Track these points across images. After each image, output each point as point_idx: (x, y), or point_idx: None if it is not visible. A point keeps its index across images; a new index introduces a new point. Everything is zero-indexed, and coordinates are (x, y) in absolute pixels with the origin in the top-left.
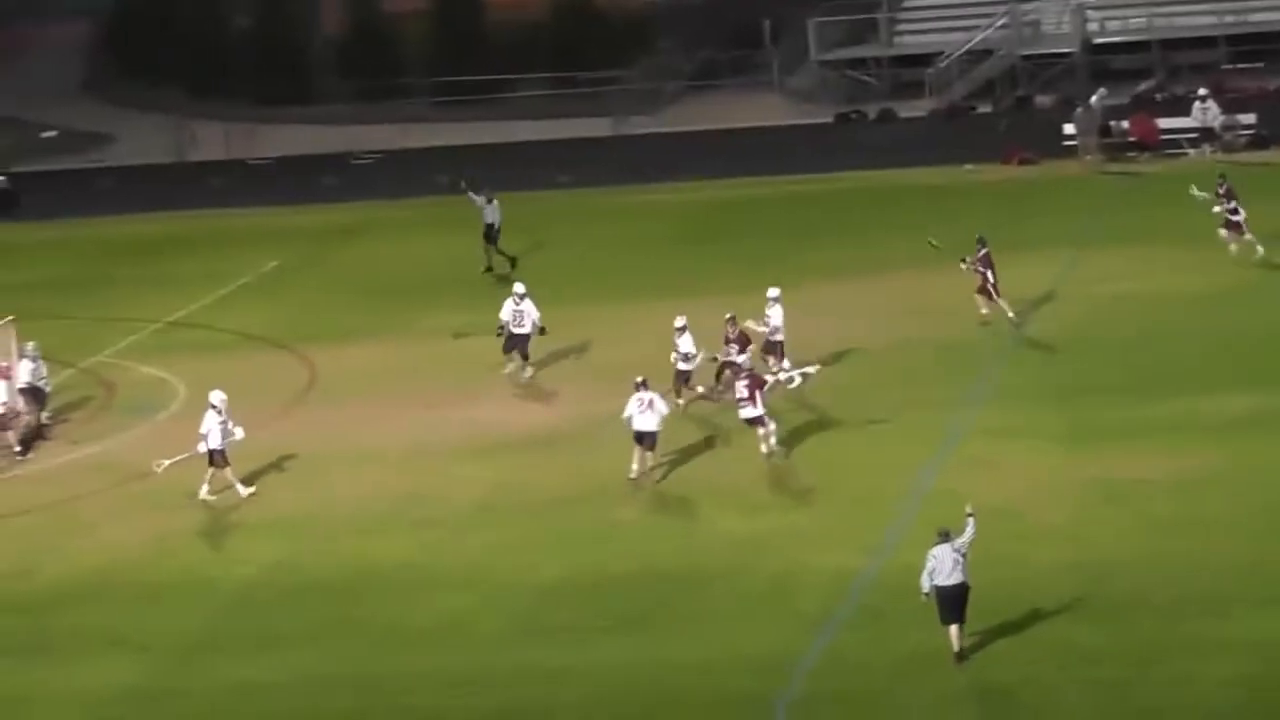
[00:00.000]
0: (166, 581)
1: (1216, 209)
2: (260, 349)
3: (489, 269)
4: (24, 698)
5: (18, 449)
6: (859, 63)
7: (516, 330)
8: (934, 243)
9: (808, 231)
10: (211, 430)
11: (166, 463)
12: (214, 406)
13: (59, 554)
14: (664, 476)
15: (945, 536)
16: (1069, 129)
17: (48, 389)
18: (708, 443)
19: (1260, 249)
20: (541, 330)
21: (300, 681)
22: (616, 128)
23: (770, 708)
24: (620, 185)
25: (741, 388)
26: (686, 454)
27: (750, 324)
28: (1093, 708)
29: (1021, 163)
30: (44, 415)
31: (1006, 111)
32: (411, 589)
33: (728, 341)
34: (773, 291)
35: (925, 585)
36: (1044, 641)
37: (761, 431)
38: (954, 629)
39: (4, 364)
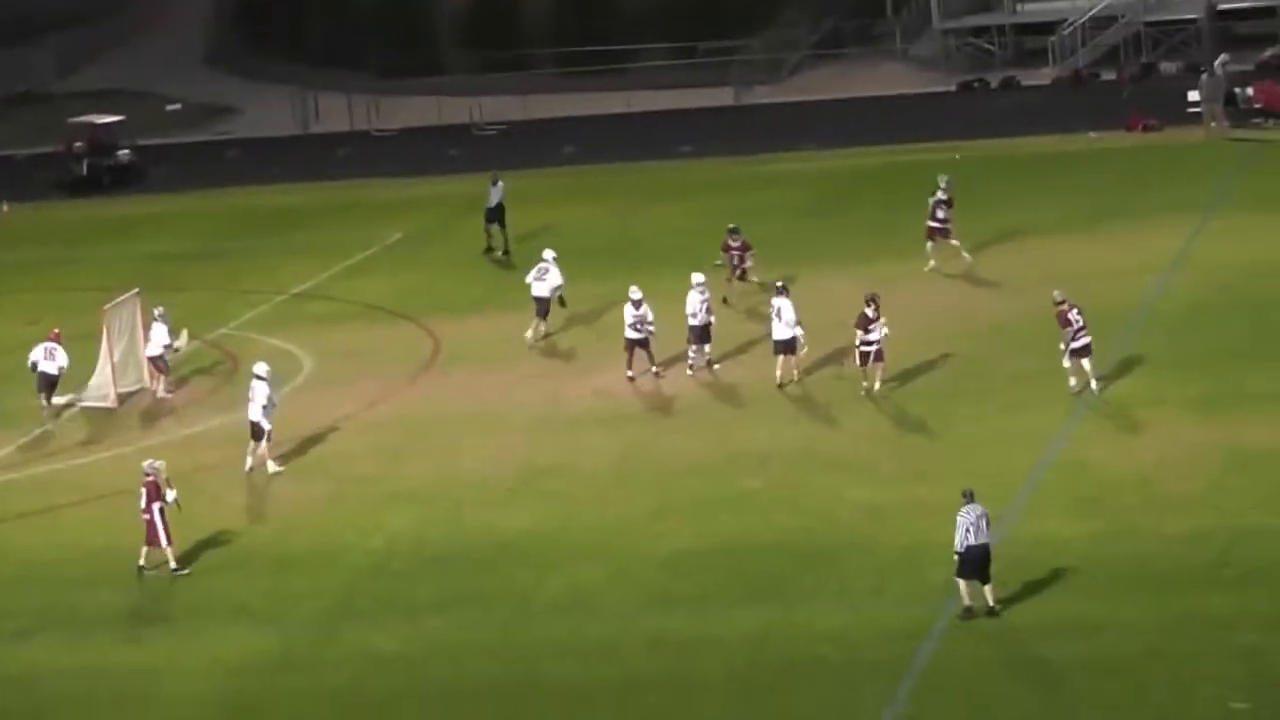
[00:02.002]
0: (296, 552)
1: None
2: (385, 320)
3: (491, 250)
4: (155, 668)
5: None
6: (982, 31)
7: (537, 293)
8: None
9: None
10: (257, 401)
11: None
12: (261, 377)
13: (188, 525)
14: (784, 448)
15: (971, 497)
16: (1193, 95)
17: (176, 346)
18: (834, 415)
19: None
20: (561, 301)
21: (435, 651)
22: (739, 97)
23: (902, 677)
24: (743, 155)
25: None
26: (814, 426)
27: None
28: (1226, 675)
29: (1145, 130)
30: (163, 386)
31: (1130, 78)
32: (542, 559)
33: (868, 322)
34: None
35: (960, 544)
36: (1176, 610)
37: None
38: (988, 588)
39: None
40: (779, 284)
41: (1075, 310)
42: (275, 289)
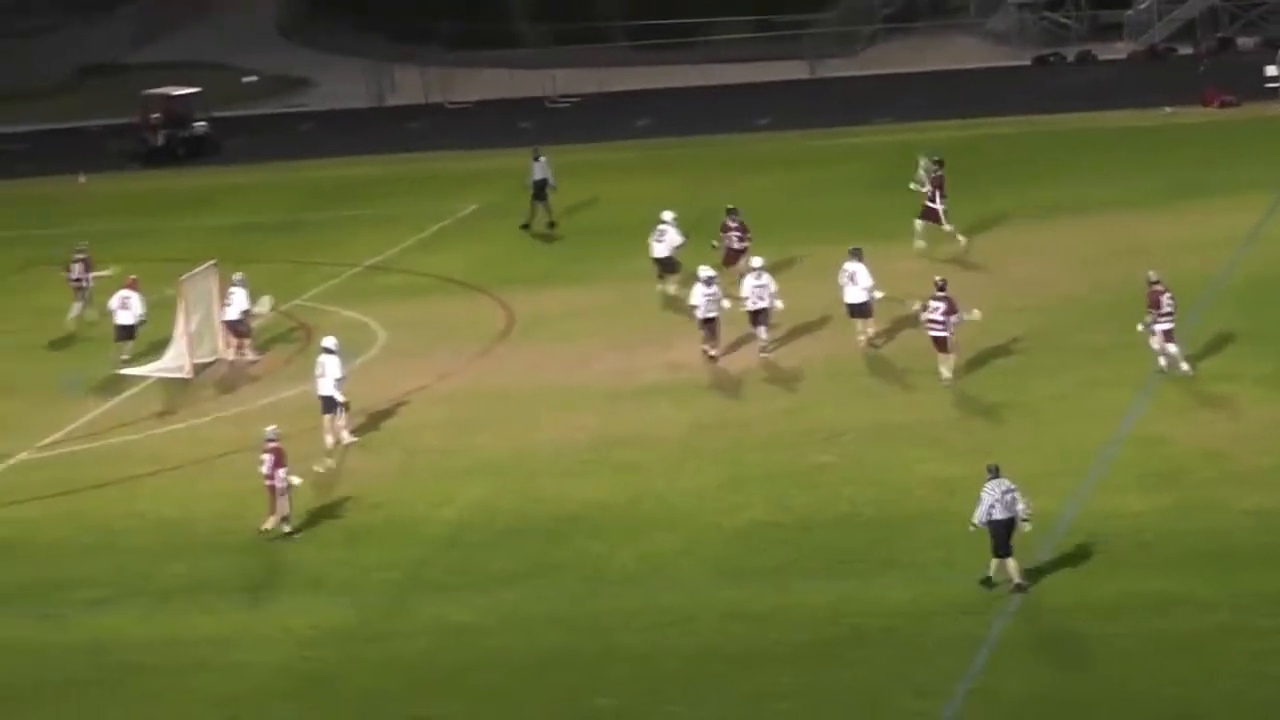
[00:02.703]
0: (370, 523)
1: None
2: (459, 293)
3: (546, 225)
4: (230, 639)
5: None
6: (1057, 5)
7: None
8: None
9: (1006, 175)
10: (329, 376)
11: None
12: (331, 350)
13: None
14: (861, 422)
15: (995, 472)
16: (1271, 71)
17: (257, 311)
18: (906, 389)
19: None
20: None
21: (508, 622)
22: (813, 70)
23: (974, 651)
24: (818, 128)
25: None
26: (885, 401)
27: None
28: None
29: (1222, 105)
30: (248, 353)
31: (1207, 53)
32: (615, 530)
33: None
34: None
35: (980, 518)
36: (1250, 587)
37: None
38: (1011, 562)
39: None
40: (853, 248)
41: (1168, 295)
42: (349, 261)
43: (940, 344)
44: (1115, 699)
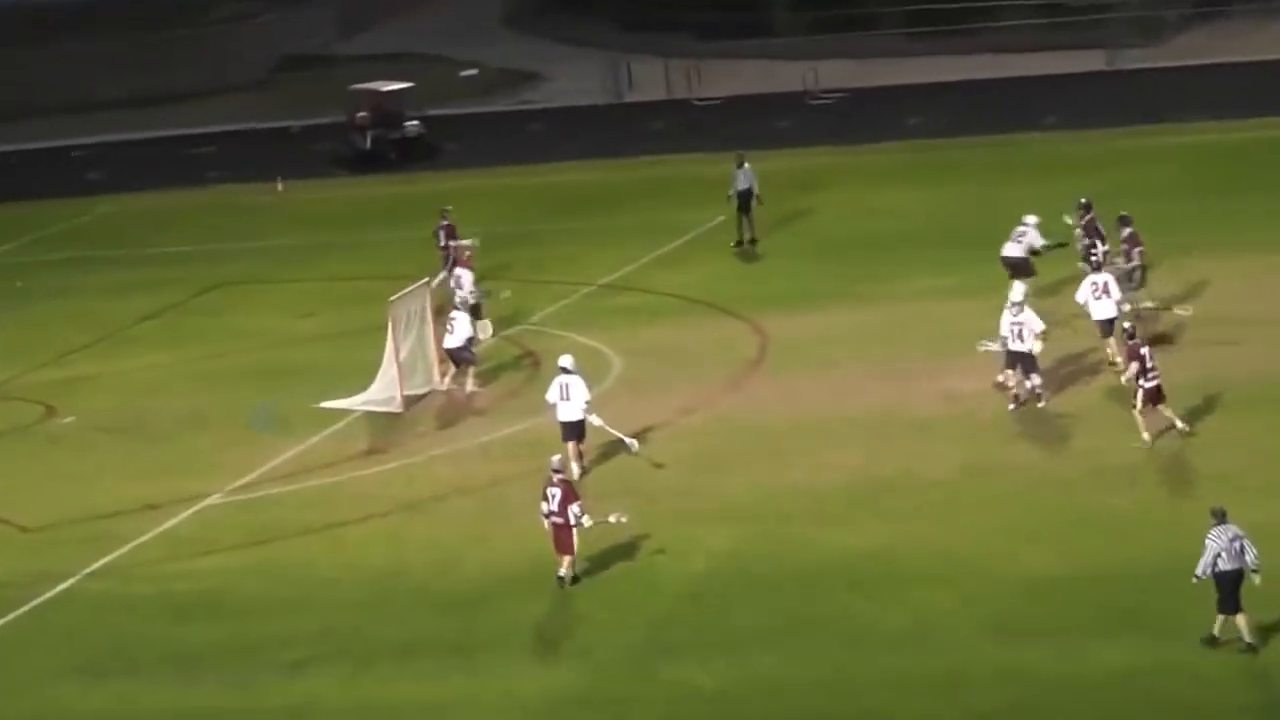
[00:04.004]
0: (602, 576)
1: None
2: (705, 314)
3: (747, 241)
4: (445, 707)
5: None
6: None
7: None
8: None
9: None
10: (573, 400)
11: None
12: (571, 370)
13: (485, 544)
14: (1158, 463)
15: (1222, 517)
16: None
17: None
18: (1211, 424)
19: None
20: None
21: (760, 688)
22: (1112, 61)
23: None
24: (1117, 127)
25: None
26: (1188, 438)
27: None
28: None
29: None
30: (470, 384)
31: None
32: (881, 583)
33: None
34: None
35: (1204, 569)
36: None
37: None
38: (1241, 618)
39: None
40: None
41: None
42: (581, 279)
43: (1152, 395)
44: None
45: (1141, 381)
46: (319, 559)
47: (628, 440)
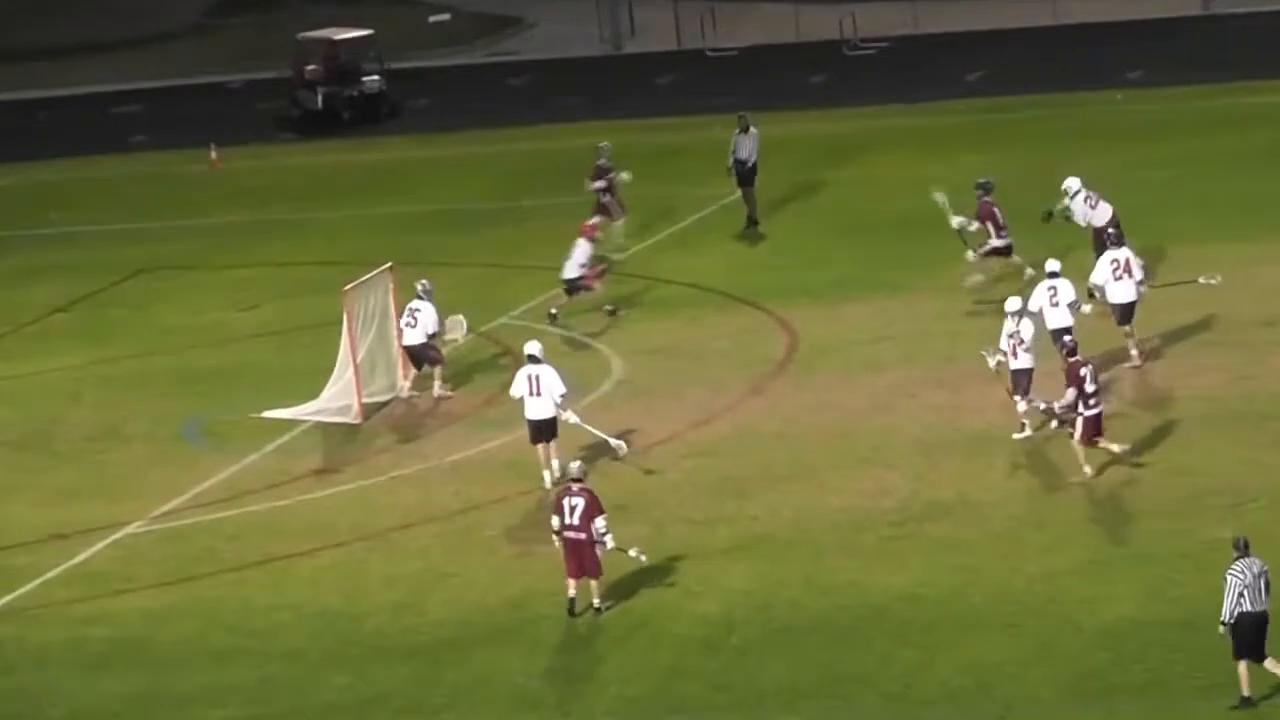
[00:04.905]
0: (604, 618)
1: None
2: (722, 306)
3: (754, 222)
4: None
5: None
6: None
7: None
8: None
9: None
10: (543, 395)
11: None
12: (540, 359)
13: (456, 583)
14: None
15: (1244, 549)
16: None
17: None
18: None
19: None
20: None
21: None
22: (1208, 5)
23: None
24: (1211, 83)
25: None
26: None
27: None
28: None
29: None
30: (437, 387)
31: None
32: (933, 630)
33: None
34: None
35: (1229, 613)
36: None
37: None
38: (1272, 664)
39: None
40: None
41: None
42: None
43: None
44: None
45: (1081, 408)
46: (258, 599)
47: (613, 441)
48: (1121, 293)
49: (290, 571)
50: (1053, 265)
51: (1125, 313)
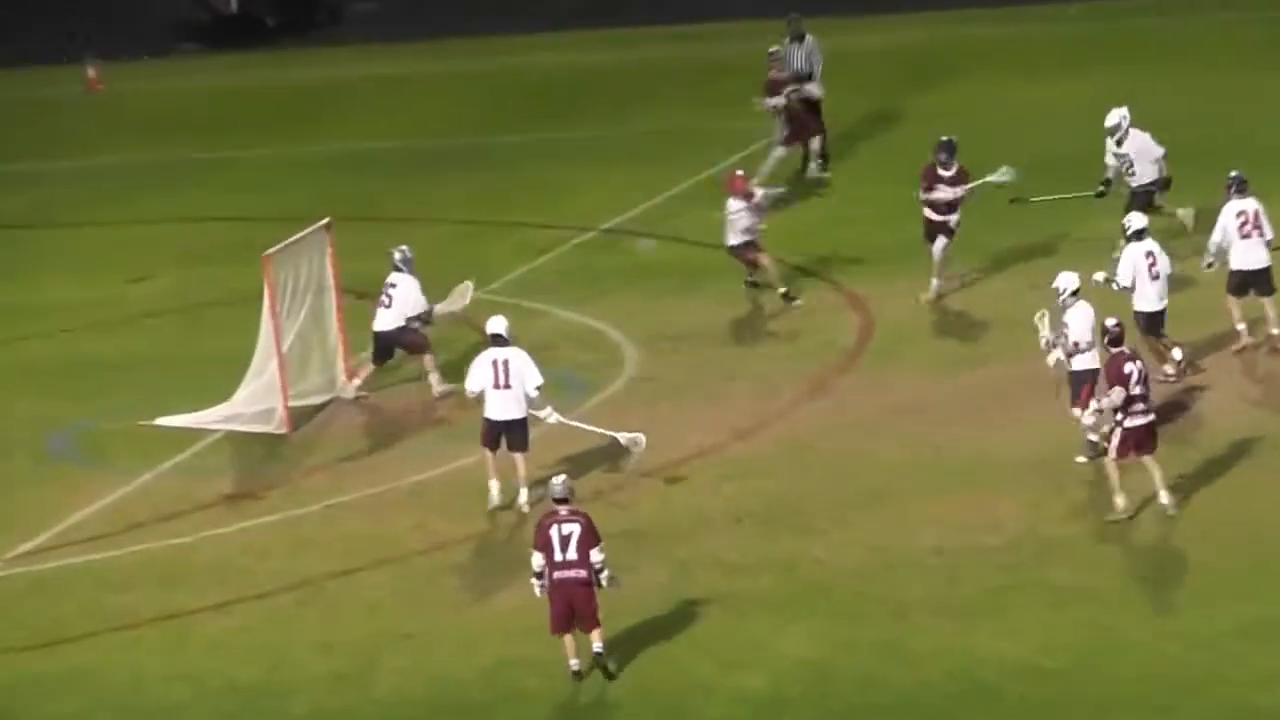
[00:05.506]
0: (613, 694)
1: None
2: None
3: (815, 162)
4: None
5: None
6: None
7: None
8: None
9: None
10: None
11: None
12: (506, 339)
13: (412, 647)
14: None
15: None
16: None
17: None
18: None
19: None
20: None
21: None
22: None
23: None
24: None
25: None
26: None
27: None
28: None
29: None
30: (435, 384)
31: None
32: (1051, 709)
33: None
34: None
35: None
36: None
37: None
38: None
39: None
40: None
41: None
42: (573, 219)
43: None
44: None
45: (1121, 417)
46: (149, 668)
47: (623, 437)
48: (1249, 256)
49: (193, 632)
50: (1137, 221)
51: (1261, 281)
